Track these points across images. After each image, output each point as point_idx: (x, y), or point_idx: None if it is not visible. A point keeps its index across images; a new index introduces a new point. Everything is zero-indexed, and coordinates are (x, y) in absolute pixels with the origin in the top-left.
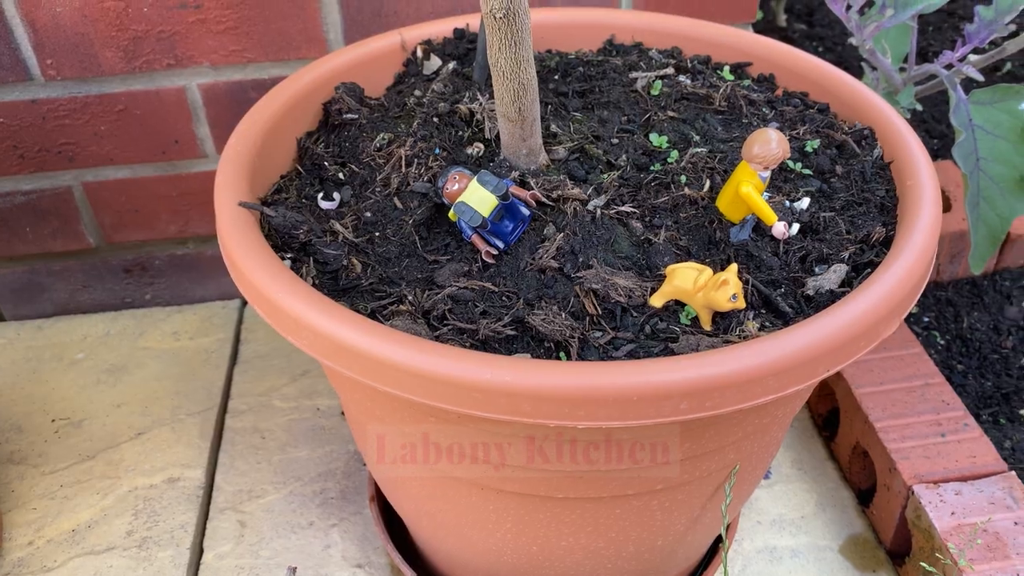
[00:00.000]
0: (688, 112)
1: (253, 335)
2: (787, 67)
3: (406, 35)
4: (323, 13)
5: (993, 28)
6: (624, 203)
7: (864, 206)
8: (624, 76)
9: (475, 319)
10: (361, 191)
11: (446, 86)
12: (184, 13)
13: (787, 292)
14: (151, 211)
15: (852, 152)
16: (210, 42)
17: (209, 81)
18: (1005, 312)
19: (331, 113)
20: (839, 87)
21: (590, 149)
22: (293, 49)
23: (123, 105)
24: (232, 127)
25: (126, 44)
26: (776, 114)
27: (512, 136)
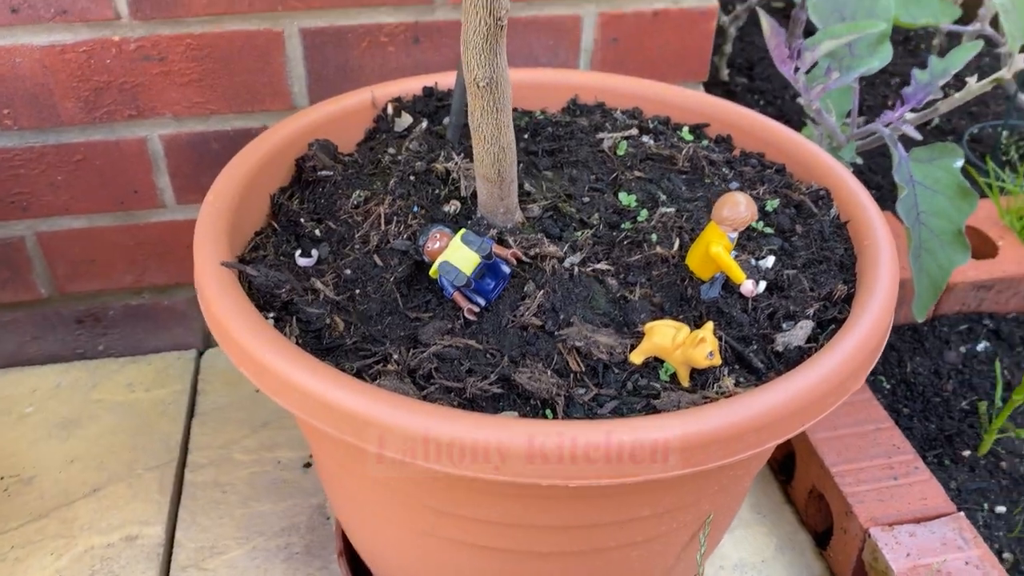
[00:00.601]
0: (653, 172)
1: (211, 386)
2: (743, 128)
3: (376, 92)
4: (288, 67)
5: (929, 90)
6: (599, 260)
7: (825, 264)
8: (591, 136)
9: (462, 377)
10: (339, 248)
11: (421, 144)
12: (148, 65)
13: (758, 348)
14: (107, 261)
15: (810, 212)
16: (173, 94)
17: (171, 132)
18: (944, 356)
19: (305, 169)
20: (794, 149)
21: (563, 207)
22: (257, 102)
23: (82, 155)
24: (193, 177)
25: (87, 95)
26: (735, 174)
27: (490, 196)
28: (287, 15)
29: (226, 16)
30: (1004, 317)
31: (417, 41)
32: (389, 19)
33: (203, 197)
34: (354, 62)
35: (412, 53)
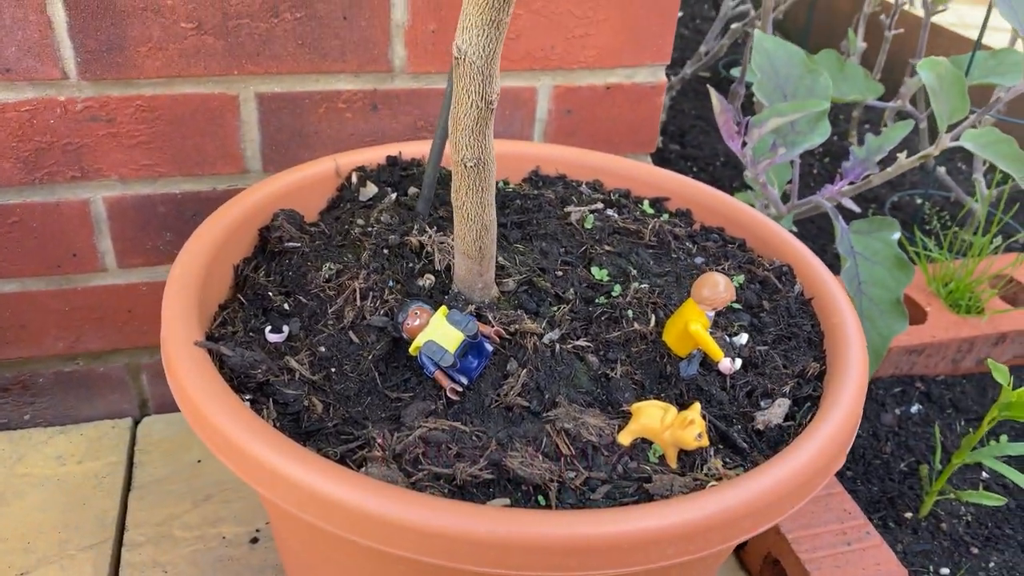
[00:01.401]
0: (622, 246)
1: (148, 457)
2: (702, 203)
3: (340, 161)
4: (242, 131)
5: (866, 166)
6: (579, 337)
7: (794, 340)
8: (558, 209)
9: (450, 463)
10: (312, 324)
11: (392, 217)
12: (95, 126)
13: (740, 427)
14: (39, 327)
15: (775, 287)
16: (120, 156)
17: (116, 194)
18: (881, 419)
19: (271, 240)
20: (753, 224)
21: (538, 282)
22: (208, 165)
23: (17, 217)
24: (137, 241)
25: (27, 155)
26: (699, 249)
27: (469, 272)
28: (244, 79)
29: (180, 79)
30: (934, 379)
31: (375, 108)
32: (348, 86)
33: (146, 260)
34: (310, 127)
35: (370, 120)
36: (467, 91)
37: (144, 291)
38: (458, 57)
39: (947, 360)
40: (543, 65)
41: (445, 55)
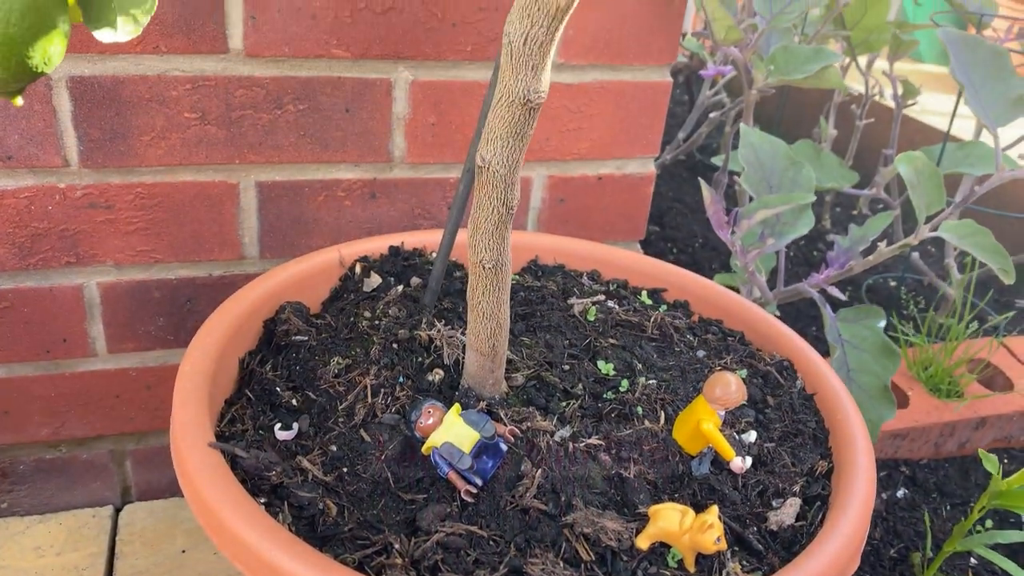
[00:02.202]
0: (626, 339)
1: (130, 547)
2: (699, 295)
3: (344, 251)
4: (240, 218)
5: (850, 255)
6: (590, 435)
7: (800, 437)
8: (561, 301)
9: (470, 569)
10: (322, 421)
11: (400, 310)
12: (94, 212)
13: (754, 528)
14: (23, 413)
15: (777, 382)
16: (117, 242)
17: (111, 280)
18: None
19: (277, 333)
20: (751, 317)
21: (546, 376)
22: (205, 251)
23: (9, 302)
24: (128, 326)
25: (23, 241)
26: (700, 342)
27: (481, 368)
28: (245, 168)
29: (181, 167)
30: (918, 463)
31: (374, 196)
32: (348, 175)
33: (137, 346)
34: (309, 215)
35: (368, 207)
36: (489, 197)
37: (133, 376)
38: (482, 166)
39: (930, 444)
40: (538, 156)
41: (444, 146)
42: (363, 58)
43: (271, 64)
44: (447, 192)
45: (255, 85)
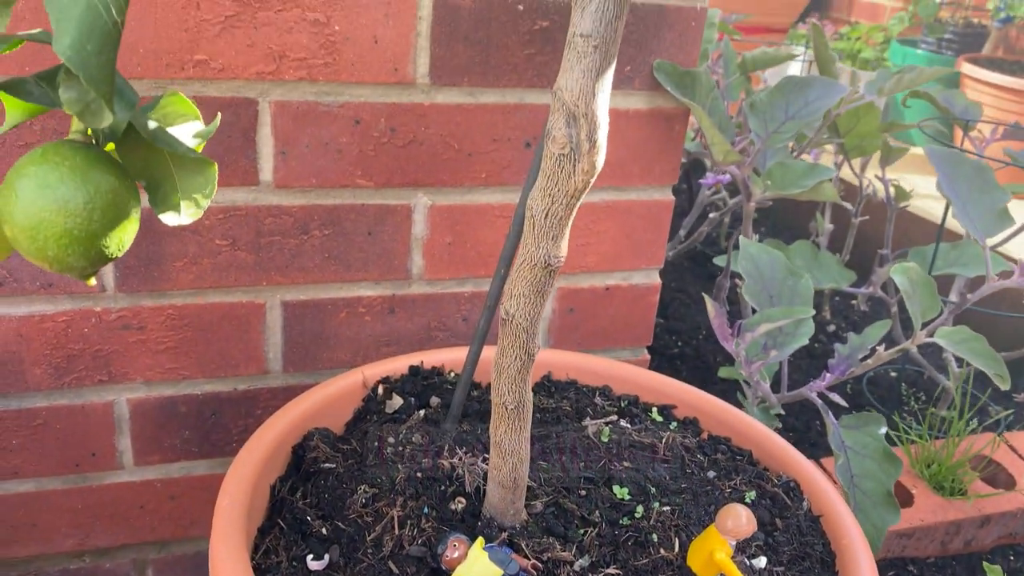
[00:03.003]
0: (639, 461)
1: None
2: (708, 412)
3: (366, 372)
4: (266, 335)
5: (850, 363)
6: (608, 564)
7: (808, 561)
8: (575, 422)
9: None
10: (351, 552)
11: (422, 436)
12: (126, 334)
13: None
14: (50, 525)
15: (784, 504)
16: (147, 360)
17: (140, 396)
18: None
19: (306, 460)
20: (758, 436)
21: (564, 503)
22: (231, 367)
23: (42, 420)
24: (155, 440)
25: (59, 362)
26: (710, 462)
27: (502, 500)
28: (271, 289)
29: (211, 290)
30: (925, 562)
31: (393, 311)
32: (369, 292)
33: (163, 458)
34: (331, 331)
35: (387, 322)
36: (512, 346)
37: (158, 487)
38: (506, 318)
39: (936, 542)
40: None
41: (459, 263)
42: (385, 186)
43: (299, 194)
44: (461, 305)
45: (284, 213)
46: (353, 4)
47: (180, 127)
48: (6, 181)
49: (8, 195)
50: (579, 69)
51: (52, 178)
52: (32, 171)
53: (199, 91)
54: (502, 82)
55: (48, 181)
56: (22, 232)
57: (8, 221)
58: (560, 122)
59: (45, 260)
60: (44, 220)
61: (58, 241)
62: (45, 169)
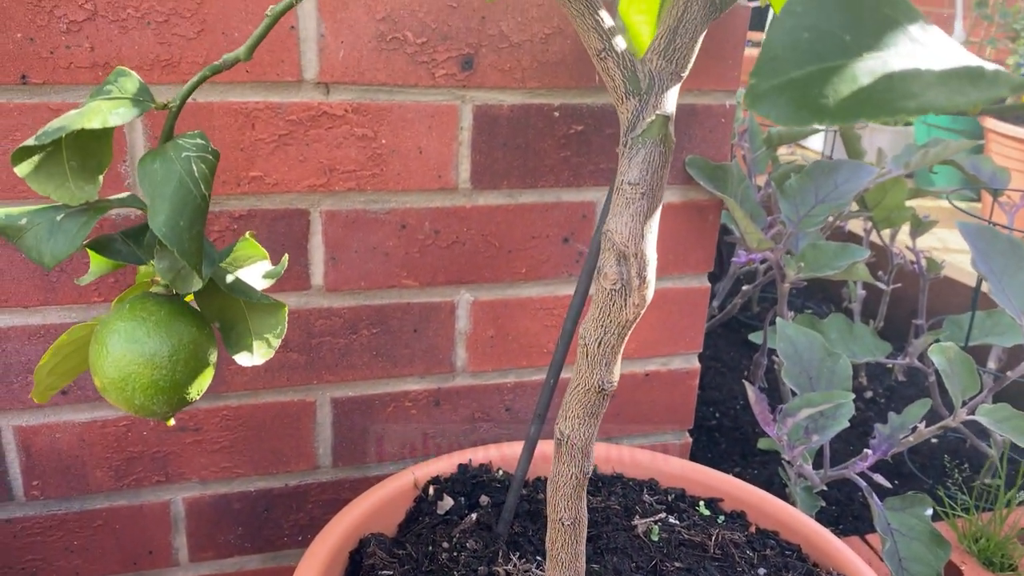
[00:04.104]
0: (690, 560)
1: None
2: (755, 505)
3: (417, 473)
4: (316, 432)
5: (892, 443)
6: None
7: None
8: (624, 521)
9: None
10: None
11: (476, 541)
12: (183, 435)
13: None
14: None
15: None
16: (203, 460)
17: (195, 495)
18: None
19: (363, 567)
20: (806, 530)
21: None
22: (282, 463)
23: (102, 520)
24: (209, 536)
25: (119, 464)
26: (760, 558)
27: None
28: (321, 387)
29: (264, 390)
30: None
31: (438, 404)
32: (414, 387)
33: (217, 554)
34: (379, 425)
35: (432, 414)
36: (567, 465)
37: None
38: (560, 439)
39: None
40: None
41: (501, 355)
42: (430, 285)
43: (348, 296)
44: (504, 395)
45: (333, 315)
46: (399, 119)
47: (250, 268)
48: (96, 336)
49: (99, 350)
50: (628, 214)
51: (140, 333)
52: (121, 327)
53: (254, 205)
54: (540, 183)
55: (136, 336)
56: (112, 384)
57: (99, 373)
58: (611, 260)
59: (132, 408)
60: (132, 373)
61: (145, 392)
62: (133, 325)
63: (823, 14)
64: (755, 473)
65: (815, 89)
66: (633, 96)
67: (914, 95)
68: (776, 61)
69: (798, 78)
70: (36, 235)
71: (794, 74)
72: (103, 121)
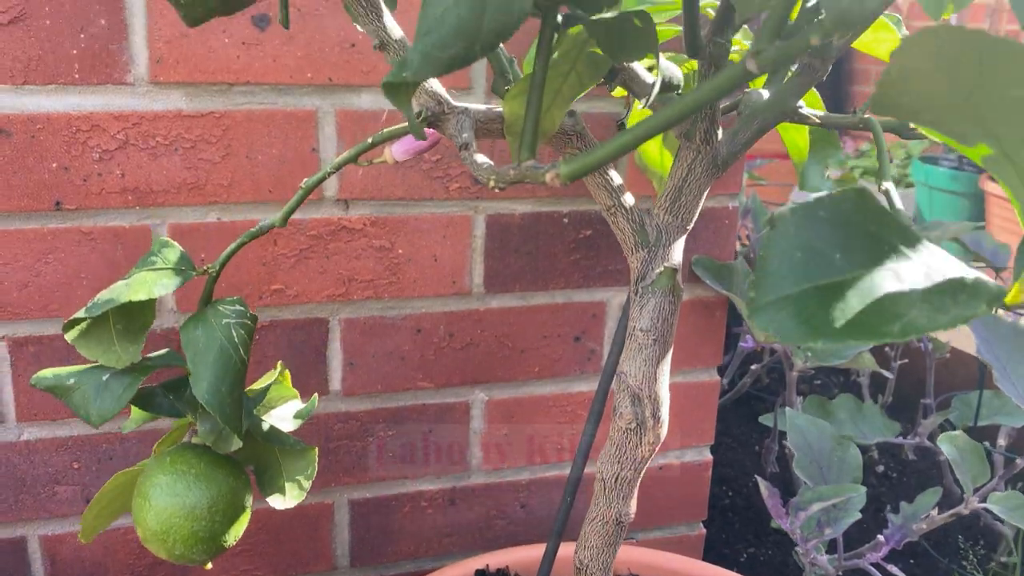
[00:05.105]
0: None
1: None
2: None
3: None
4: (334, 534)
5: (904, 532)
6: None
7: None
8: None
9: None
10: None
11: None
12: None
13: None
14: None
15: None
16: (223, 563)
17: None
18: None
19: None
20: None
21: None
22: (301, 565)
23: None
24: None
25: (141, 570)
26: None
27: None
28: (339, 489)
29: None
30: None
31: (454, 503)
32: (430, 487)
33: None
34: (395, 524)
35: (448, 513)
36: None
37: None
38: (580, 567)
39: None
40: None
41: (516, 454)
42: (445, 386)
43: (366, 399)
44: (519, 493)
45: (351, 419)
46: (414, 229)
47: (282, 408)
48: (139, 488)
49: (141, 503)
50: (640, 359)
51: (180, 487)
52: (162, 480)
53: (275, 316)
54: (551, 285)
55: (176, 490)
56: (153, 535)
57: (141, 524)
58: (626, 401)
59: (171, 556)
60: (174, 525)
61: (185, 542)
62: (174, 478)
63: (814, 233)
64: (770, 554)
65: (811, 309)
66: (642, 248)
67: (899, 316)
68: (773, 277)
69: (795, 295)
70: (83, 395)
71: (790, 291)
72: (148, 293)
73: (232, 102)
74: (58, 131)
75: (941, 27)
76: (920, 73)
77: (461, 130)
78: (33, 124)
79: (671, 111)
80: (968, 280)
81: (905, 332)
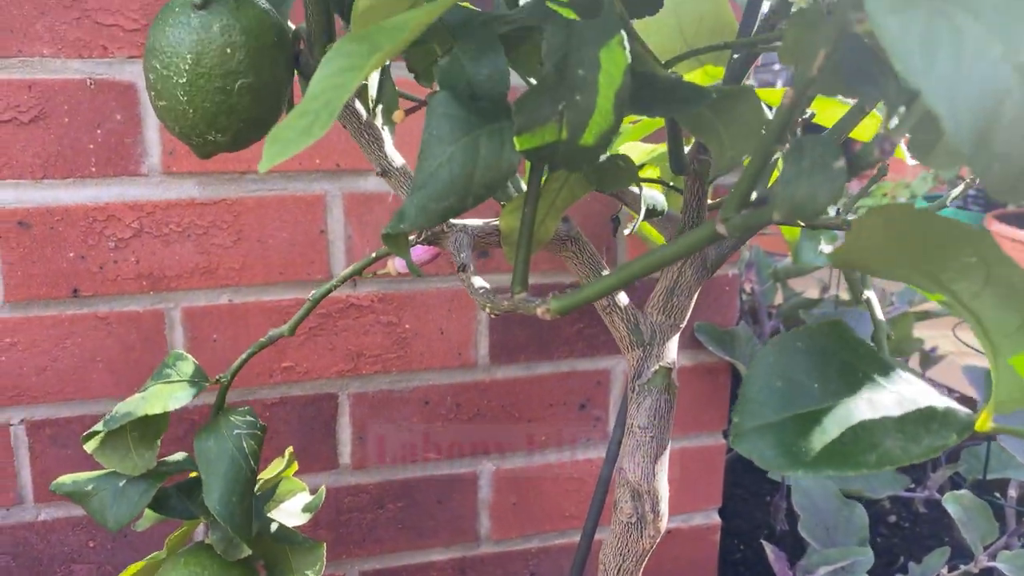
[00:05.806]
0: None
1: None
2: None
3: None
4: None
5: None
6: None
7: None
8: None
9: None
10: None
11: None
12: None
13: None
14: None
15: None
16: None
17: None
18: None
19: None
20: None
21: None
22: None
23: None
24: None
25: None
26: None
27: None
28: (349, 561)
29: None
30: None
31: (463, 573)
32: (440, 557)
33: None
34: None
35: None
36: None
37: None
38: None
39: None
40: None
41: (525, 523)
42: (452, 457)
43: (375, 472)
44: (528, 561)
45: (361, 492)
46: (421, 304)
47: (290, 501)
48: None
49: None
50: (639, 455)
51: None
52: None
53: (285, 392)
54: (555, 355)
55: None
56: None
57: None
58: (626, 496)
59: None
60: None
61: None
62: None
63: (791, 363)
64: None
65: (790, 437)
66: (637, 347)
67: (875, 446)
68: (754, 404)
69: (776, 423)
70: (101, 500)
71: (772, 419)
72: (164, 406)
73: (243, 189)
74: (76, 222)
75: (890, 207)
76: (873, 247)
77: (459, 249)
78: (52, 216)
79: (651, 260)
80: (939, 409)
81: (881, 463)
